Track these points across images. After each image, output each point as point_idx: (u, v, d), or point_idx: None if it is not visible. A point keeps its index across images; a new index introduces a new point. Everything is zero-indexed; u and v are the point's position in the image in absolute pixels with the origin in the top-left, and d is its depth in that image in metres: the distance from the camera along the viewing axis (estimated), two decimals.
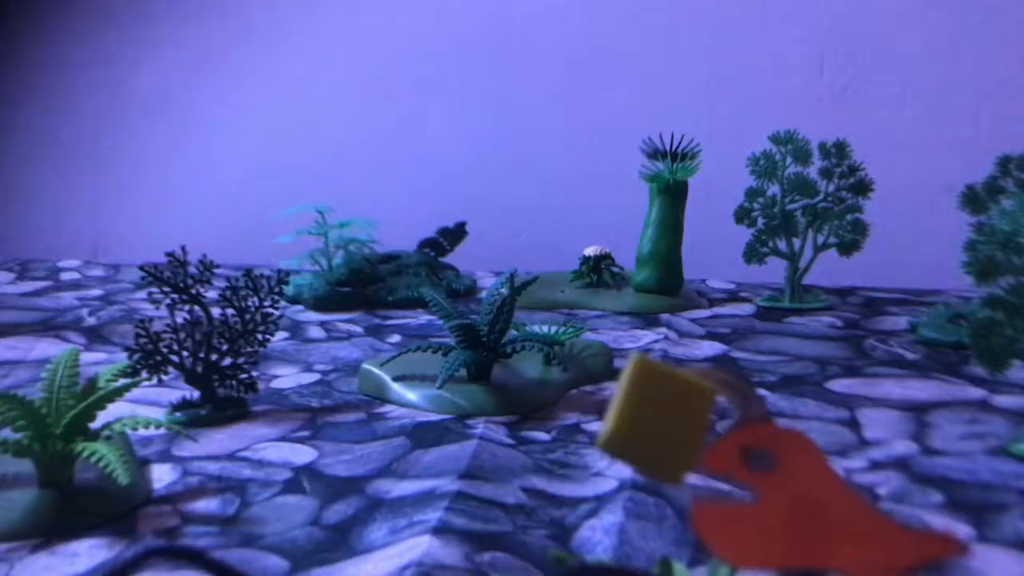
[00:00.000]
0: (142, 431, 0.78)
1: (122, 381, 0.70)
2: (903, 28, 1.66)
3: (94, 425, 0.68)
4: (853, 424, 0.86)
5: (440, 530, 0.61)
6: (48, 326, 1.24)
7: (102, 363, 1.06)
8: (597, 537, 0.61)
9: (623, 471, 0.73)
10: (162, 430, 0.80)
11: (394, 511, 0.66)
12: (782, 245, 1.36)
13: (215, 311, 0.87)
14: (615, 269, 1.43)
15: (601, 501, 0.67)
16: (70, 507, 0.65)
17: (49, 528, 0.63)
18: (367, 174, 1.87)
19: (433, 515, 0.63)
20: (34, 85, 2.01)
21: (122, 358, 0.91)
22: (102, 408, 0.68)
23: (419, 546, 0.58)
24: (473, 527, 0.62)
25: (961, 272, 0.84)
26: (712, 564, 0.43)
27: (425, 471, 0.73)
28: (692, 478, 0.37)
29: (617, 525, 0.62)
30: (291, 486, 0.71)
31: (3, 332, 1.20)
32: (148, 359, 0.83)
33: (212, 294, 0.87)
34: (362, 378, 0.96)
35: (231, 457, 0.77)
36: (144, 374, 0.83)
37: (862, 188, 1.33)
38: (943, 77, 1.64)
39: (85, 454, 0.64)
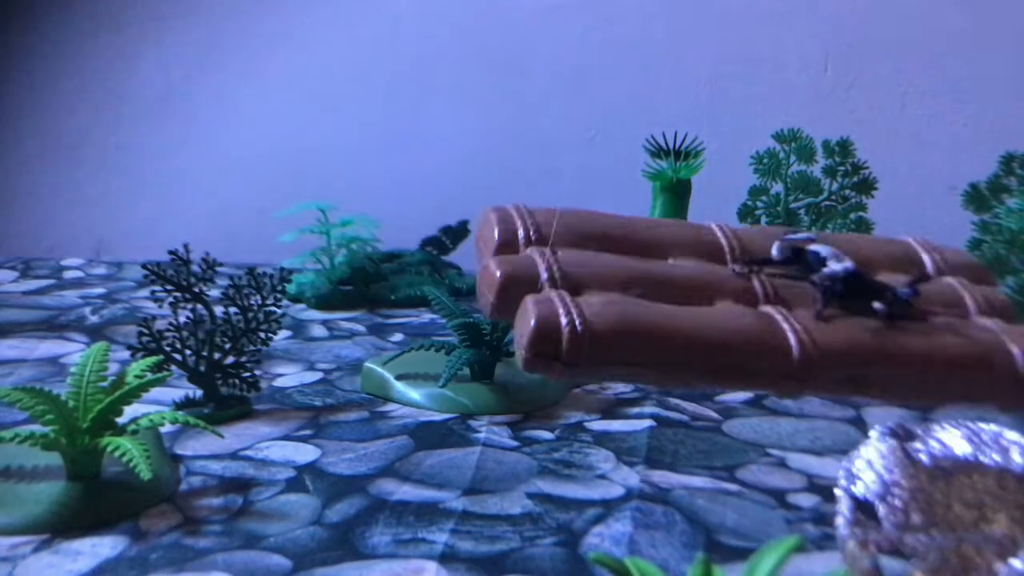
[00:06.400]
0: (169, 426, 0.78)
1: (148, 376, 0.70)
2: (907, 26, 1.65)
3: (122, 420, 0.68)
4: (859, 423, 0.85)
5: (446, 557, 0.60)
6: (51, 325, 1.24)
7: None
8: (606, 545, 0.61)
9: (628, 476, 0.72)
10: (170, 427, 0.80)
11: (397, 517, 0.65)
12: None
13: (218, 309, 0.87)
14: None
15: (608, 507, 0.66)
16: (98, 500, 0.65)
17: (76, 521, 0.63)
18: (369, 172, 1.87)
19: (439, 537, 0.62)
20: (35, 84, 2.01)
21: (124, 357, 0.91)
22: (128, 403, 0.68)
23: (425, 573, 0.58)
24: (479, 550, 0.61)
25: None
26: (749, 564, 0.43)
27: (428, 477, 0.73)
28: None
29: (627, 535, 0.62)
30: (294, 485, 0.71)
31: (6, 331, 1.19)
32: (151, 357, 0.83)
33: (215, 292, 0.87)
34: (365, 377, 0.96)
35: (234, 456, 0.77)
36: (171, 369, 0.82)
37: (866, 186, 1.32)
38: (947, 75, 1.64)
39: (109, 448, 0.64)
